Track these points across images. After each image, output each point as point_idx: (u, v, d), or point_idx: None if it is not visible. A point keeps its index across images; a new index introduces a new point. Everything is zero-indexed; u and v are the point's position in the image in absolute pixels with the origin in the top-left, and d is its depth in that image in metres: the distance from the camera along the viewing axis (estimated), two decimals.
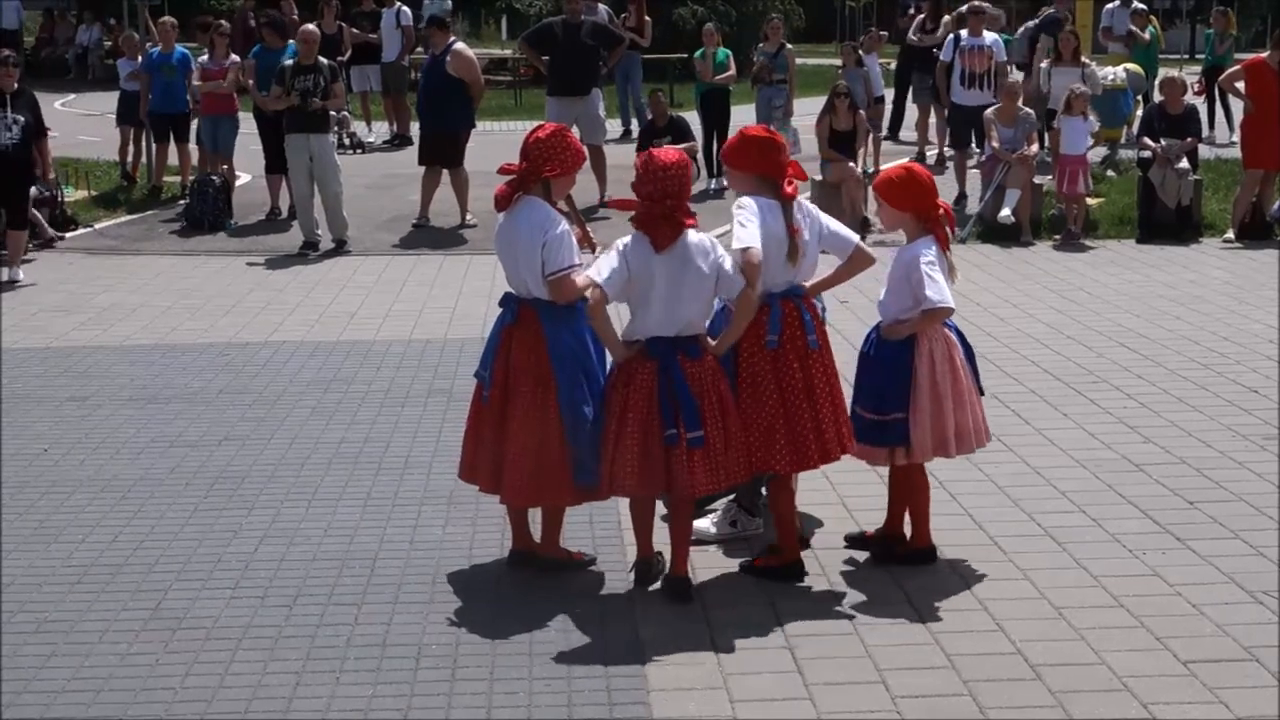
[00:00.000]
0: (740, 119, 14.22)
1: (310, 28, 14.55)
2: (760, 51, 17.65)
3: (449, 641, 5.43)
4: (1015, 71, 16.93)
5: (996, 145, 14.12)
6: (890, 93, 20.15)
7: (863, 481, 6.84)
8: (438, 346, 10.00)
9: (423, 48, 17.44)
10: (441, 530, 6.56)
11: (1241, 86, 14.37)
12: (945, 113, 16.89)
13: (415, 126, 17.17)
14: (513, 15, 37.45)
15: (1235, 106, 16.89)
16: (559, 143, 5.88)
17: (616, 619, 5.62)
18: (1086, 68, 16.04)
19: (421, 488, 7.13)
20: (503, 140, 16.83)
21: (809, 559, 6.09)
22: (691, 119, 16.54)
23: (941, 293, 5.82)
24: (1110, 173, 16.92)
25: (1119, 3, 20.33)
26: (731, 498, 6.41)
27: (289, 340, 10.28)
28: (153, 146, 16.81)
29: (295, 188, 13.90)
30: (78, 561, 6.27)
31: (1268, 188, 13.97)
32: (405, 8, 20.47)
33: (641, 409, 5.58)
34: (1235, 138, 17.53)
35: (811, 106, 17.66)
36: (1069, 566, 6.08)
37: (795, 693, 5.02)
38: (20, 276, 12.38)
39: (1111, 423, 8.10)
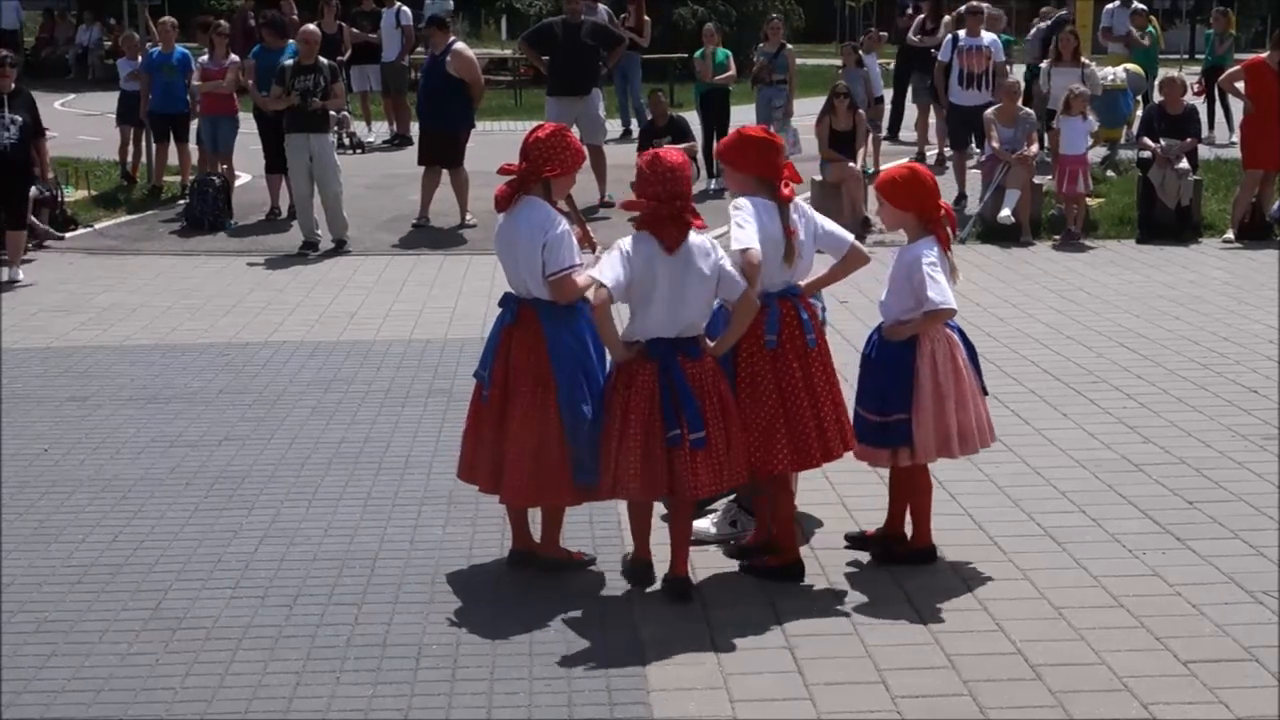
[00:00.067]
0: (740, 119, 14.22)
1: (311, 28, 14.55)
2: (760, 51, 17.65)
3: (449, 641, 5.44)
4: (1013, 71, 16.93)
5: (996, 145, 14.12)
6: (889, 93, 20.16)
7: (863, 481, 6.84)
8: (438, 346, 10.00)
9: (423, 47, 17.42)
10: (441, 530, 6.56)
11: (1241, 87, 14.37)
12: (944, 113, 16.89)
13: (415, 126, 17.16)
14: (513, 15, 37.43)
15: (1235, 107, 16.90)
16: (559, 143, 5.88)
17: (617, 619, 5.62)
18: (1086, 68, 16.03)
19: (422, 488, 7.13)
20: (503, 140, 16.83)
21: (809, 559, 6.08)
22: (691, 119, 16.54)
23: (944, 293, 5.81)
24: (1110, 173, 16.92)
25: (1119, 3, 20.34)
26: (731, 498, 6.41)
27: (289, 340, 10.28)
28: (153, 146, 16.81)
29: (295, 188, 13.89)
30: (78, 561, 6.27)
31: (1267, 188, 13.97)
32: (405, 8, 20.46)
33: (643, 411, 5.58)
34: (1235, 138, 17.53)
35: (811, 106, 17.66)
36: (1069, 566, 6.08)
37: (795, 693, 5.02)
38: (20, 276, 12.38)
39: (1111, 423, 8.10)
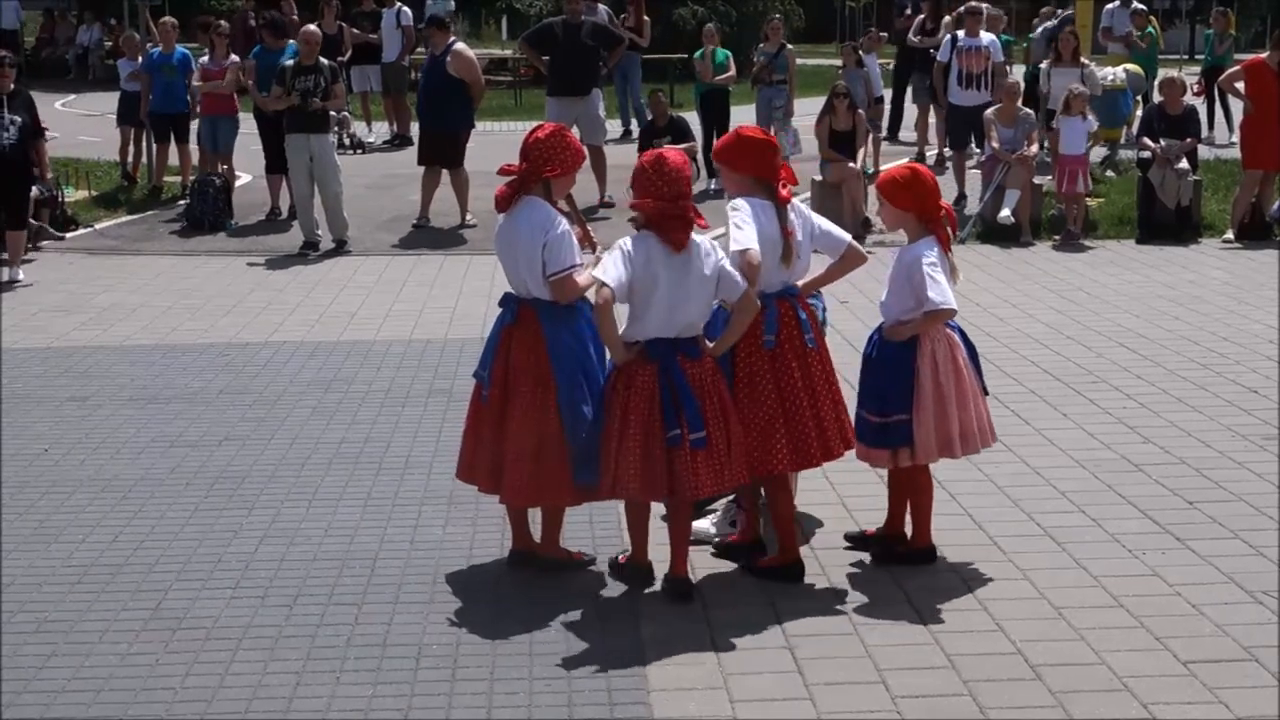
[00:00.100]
0: (740, 119, 14.23)
1: (311, 28, 14.56)
2: (760, 52, 17.65)
3: (449, 641, 5.44)
4: (1012, 72, 16.93)
5: (996, 145, 14.12)
6: (889, 93, 20.15)
7: (863, 481, 6.84)
8: (438, 347, 10.00)
9: (423, 48, 17.43)
10: (442, 530, 6.56)
11: (1241, 87, 14.37)
12: (944, 113, 16.89)
13: (415, 127, 17.16)
14: (513, 15, 37.43)
15: (1235, 107, 16.90)
16: (559, 143, 5.88)
17: (617, 619, 5.62)
18: (1086, 68, 16.03)
19: (422, 488, 7.13)
20: (503, 140, 16.83)
21: (809, 559, 6.08)
22: (691, 119, 16.54)
23: (944, 294, 5.81)
24: (1110, 173, 16.93)
25: (1119, 3, 20.35)
26: (731, 498, 6.41)
27: (289, 340, 10.28)
28: (153, 147, 16.82)
29: (295, 188, 13.90)
30: (78, 561, 6.27)
31: (1267, 188, 13.97)
32: (405, 8, 20.47)
33: (643, 411, 5.58)
34: (1235, 138, 17.53)
35: (811, 107, 17.66)
36: (1069, 566, 6.09)
37: (795, 693, 5.02)
38: (20, 276, 12.38)
39: (1111, 423, 8.10)
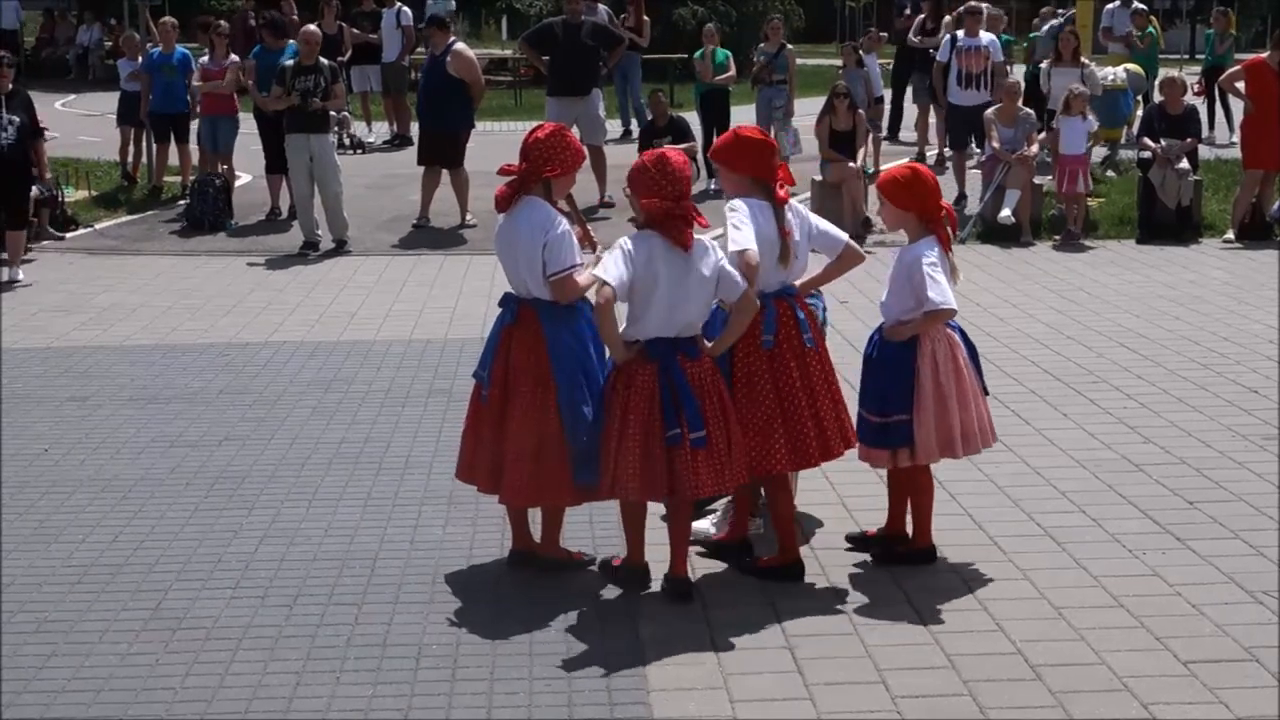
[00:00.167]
0: (740, 119, 14.23)
1: (312, 28, 14.56)
2: (760, 51, 17.64)
3: (449, 641, 5.44)
4: (1012, 72, 16.93)
5: (997, 145, 14.12)
6: (889, 93, 20.15)
7: (863, 481, 6.83)
8: (438, 347, 10.00)
9: (423, 48, 17.43)
10: (442, 530, 6.56)
11: (1241, 87, 14.37)
12: (943, 113, 16.89)
13: (415, 126, 17.16)
14: (513, 15, 37.43)
15: (1235, 107, 16.90)
16: (559, 142, 5.88)
17: (617, 619, 5.62)
18: (1086, 68, 16.03)
19: (422, 488, 7.13)
20: (503, 140, 16.83)
21: (809, 559, 6.08)
22: (691, 119, 16.54)
23: (944, 294, 5.81)
24: (1110, 173, 16.92)
25: (1119, 3, 20.34)
26: (731, 498, 6.40)
27: (289, 340, 10.28)
28: (153, 147, 16.82)
29: (295, 188, 13.89)
30: (78, 561, 6.27)
31: (1268, 188, 13.97)
32: (405, 8, 20.47)
33: (643, 411, 5.58)
34: (1235, 138, 17.53)
35: (811, 107, 17.65)
36: (1069, 566, 6.08)
37: (795, 693, 5.02)
38: (20, 276, 12.38)
39: (1111, 423, 8.10)
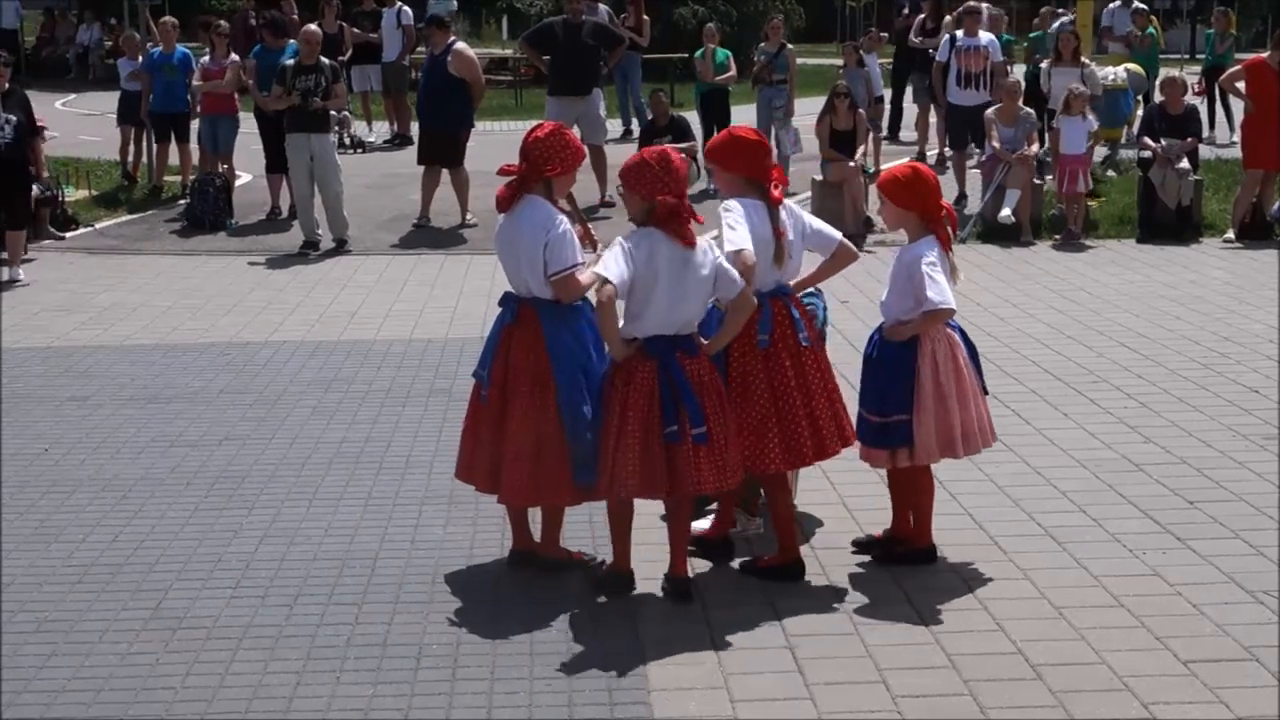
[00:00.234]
0: (740, 119, 14.25)
1: (312, 28, 14.57)
2: (761, 51, 17.63)
3: (449, 641, 5.44)
4: (1012, 71, 16.92)
5: (997, 145, 14.11)
6: (889, 93, 20.15)
7: (863, 481, 6.83)
8: (438, 346, 10.00)
9: (423, 47, 17.43)
10: (442, 530, 6.56)
11: (1242, 86, 14.37)
12: (943, 113, 16.88)
13: (415, 126, 17.16)
14: (513, 15, 37.42)
15: (1235, 106, 16.90)
16: (559, 141, 5.89)
17: (617, 619, 5.62)
18: (1086, 68, 16.03)
19: (422, 488, 7.13)
20: (503, 140, 16.83)
21: (809, 559, 6.08)
22: (691, 119, 16.53)
23: (943, 293, 5.81)
24: (1110, 173, 16.92)
25: (1119, 2, 20.35)
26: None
27: (289, 340, 10.29)
28: (153, 146, 16.82)
29: (296, 187, 13.90)
30: (78, 561, 6.27)
31: (1268, 188, 13.97)
32: (406, 7, 20.46)
33: (642, 408, 5.58)
34: (1235, 138, 17.53)
35: (811, 106, 17.65)
36: (1069, 566, 6.08)
37: (795, 693, 5.02)
38: (20, 276, 12.38)
39: (1111, 423, 8.10)
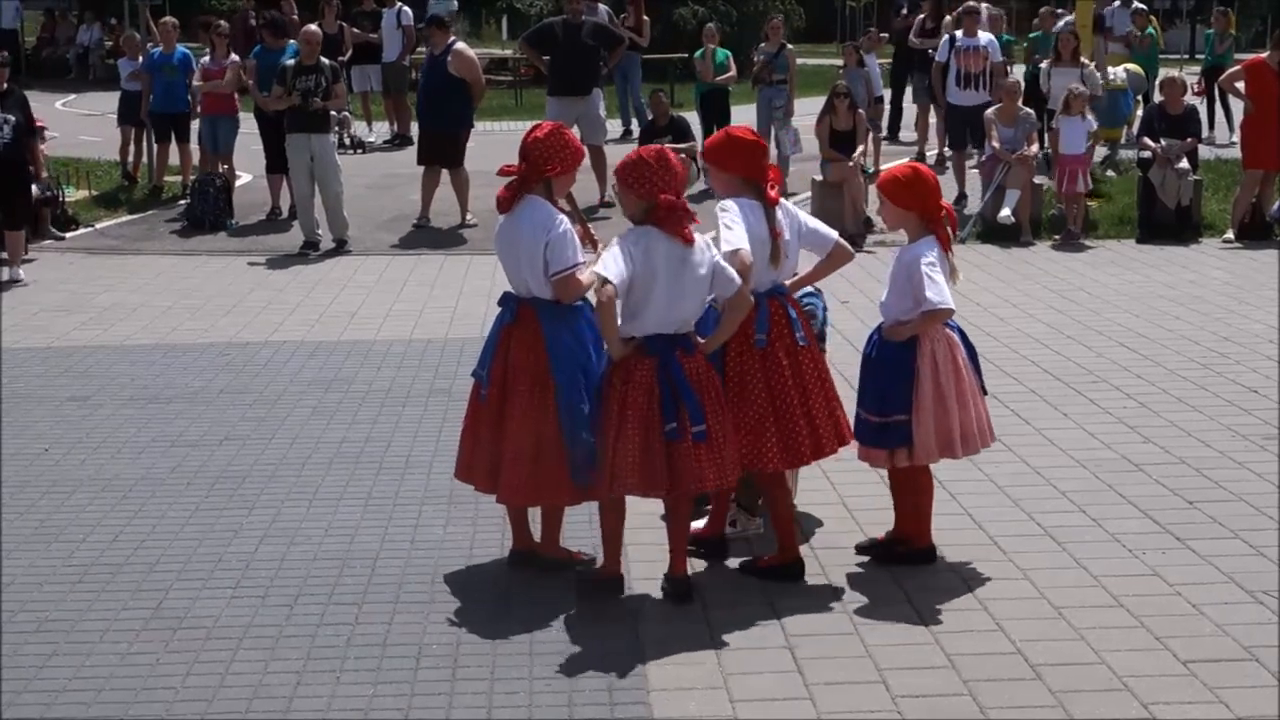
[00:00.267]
0: (740, 119, 14.24)
1: (312, 28, 14.58)
2: (761, 51, 17.63)
3: (449, 641, 5.44)
4: (1012, 71, 16.93)
5: (997, 145, 14.11)
6: (888, 93, 20.14)
7: (863, 481, 6.83)
8: (438, 346, 10.00)
9: (423, 47, 17.44)
10: (442, 530, 6.57)
11: (1241, 87, 14.38)
12: (943, 113, 16.88)
13: (415, 126, 17.16)
14: (513, 15, 37.41)
15: (1235, 107, 16.90)
16: (558, 141, 5.89)
17: (617, 619, 5.62)
18: (1086, 68, 16.03)
19: (422, 488, 7.13)
20: (503, 140, 16.82)
21: (809, 559, 6.08)
22: (691, 119, 16.53)
23: (942, 294, 5.81)
24: (1110, 173, 16.92)
25: (1119, 3, 20.34)
26: (731, 498, 6.40)
27: (289, 340, 10.29)
28: (153, 146, 16.82)
29: (296, 187, 13.90)
30: (78, 561, 6.27)
31: (1268, 188, 13.97)
32: (406, 8, 20.45)
33: (641, 405, 5.57)
34: (1235, 138, 17.53)
35: (811, 106, 17.64)
36: (1069, 566, 6.09)
37: (795, 693, 5.02)
38: (20, 276, 12.38)
39: (1111, 423, 8.10)
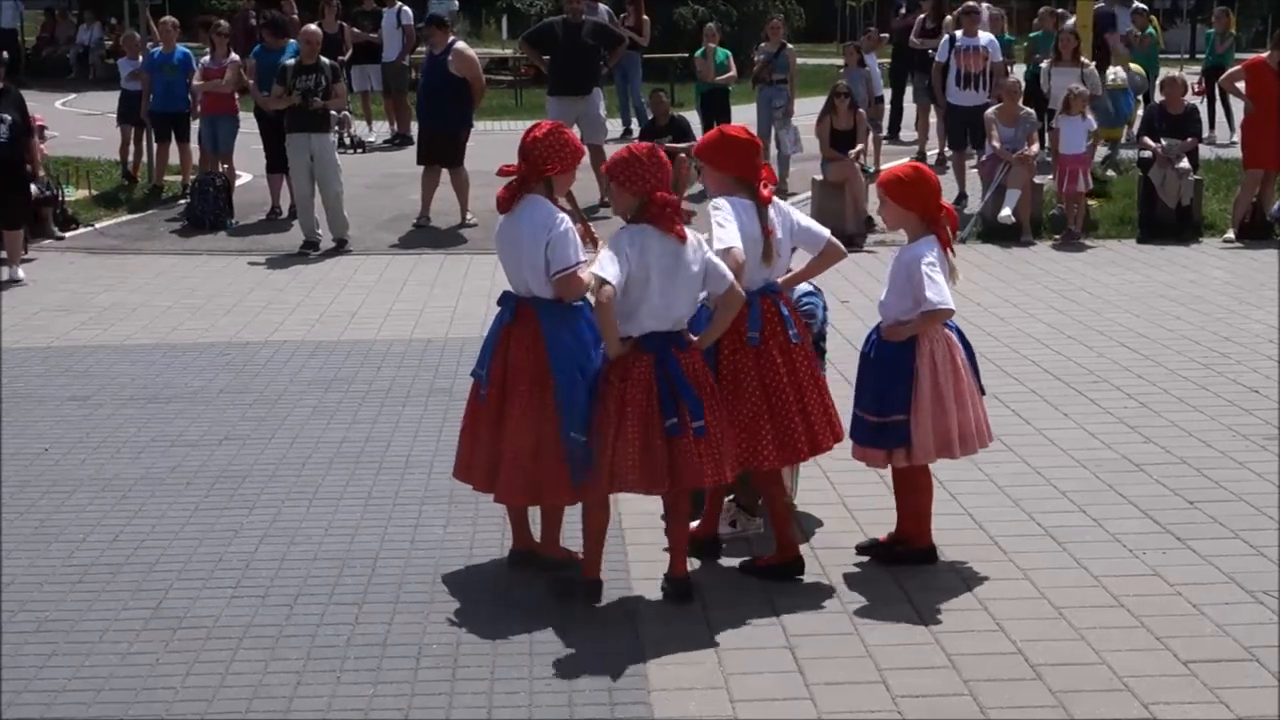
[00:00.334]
0: (741, 119, 14.22)
1: (313, 28, 14.58)
2: (761, 51, 17.63)
3: (449, 641, 5.44)
4: (1012, 71, 16.94)
5: (997, 145, 14.11)
6: (888, 93, 20.14)
7: (863, 481, 6.83)
8: (438, 346, 10.00)
9: (423, 47, 17.44)
10: (442, 530, 6.57)
11: (1242, 86, 14.38)
12: (942, 113, 16.87)
13: (415, 126, 17.16)
14: (513, 15, 37.42)
15: (1235, 106, 16.90)
16: (557, 140, 5.89)
17: (617, 619, 5.62)
18: (1086, 68, 16.03)
19: (422, 487, 7.13)
20: (503, 140, 16.79)
21: (809, 559, 6.08)
22: (692, 119, 16.53)
23: (941, 294, 5.81)
24: (1110, 172, 16.92)
25: (1120, 2, 20.32)
26: (730, 498, 6.41)
27: (290, 340, 10.29)
28: (153, 146, 16.82)
29: (296, 187, 13.90)
30: (78, 561, 6.27)
31: (1268, 188, 13.98)
32: (406, 7, 20.45)
33: (640, 403, 5.57)
34: (1235, 138, 17.54)
35: (811, 106, 17.63)
36: (1069, 566, 6.09)
37: (795, 693, 5.02)
38: (20, 276, 12.38)
39: (1111, 423, 8.10)
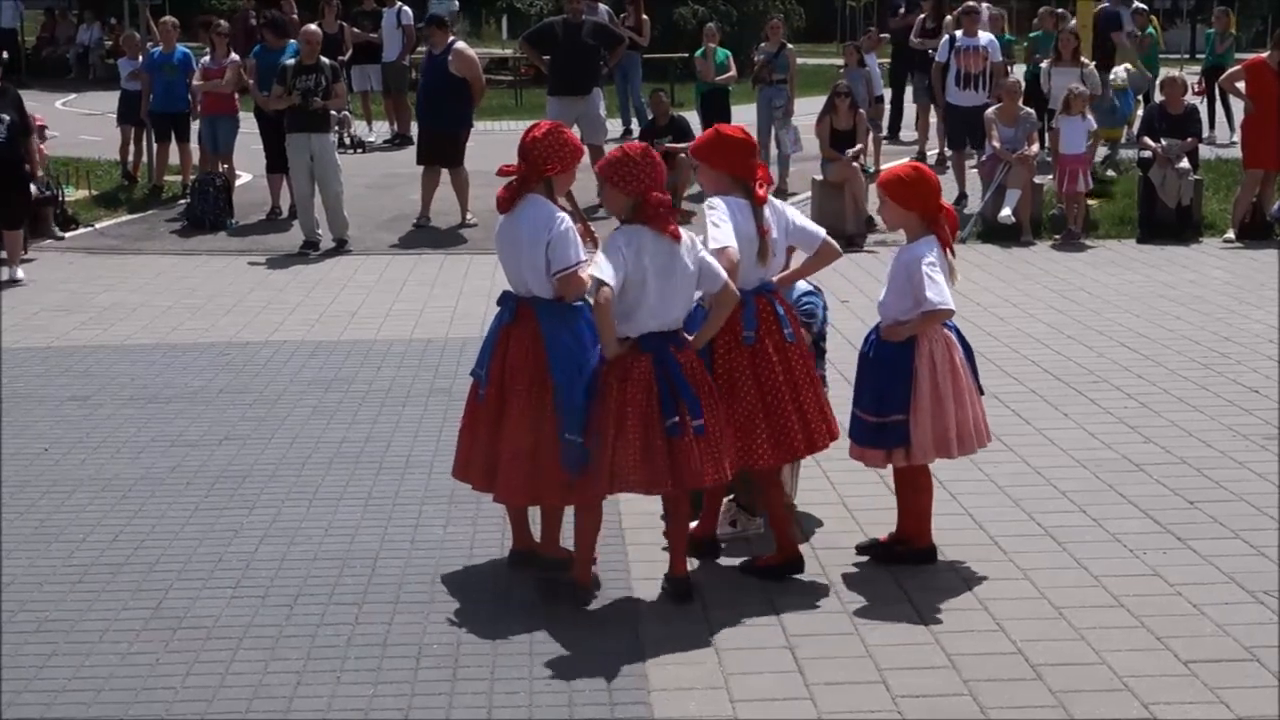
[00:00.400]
0: (741, 119, 14.24)
1: (313, 28, 14.59)
2: (761, 51, 17.63)
3: (450, 641, 5.44)
4: (1012, 71, 16.94)
5: (997, 145, 14.11)
6: (888, 93, 20.14)
7: (863, 481, 6.83)
8: (438, 346, 10.00)
9: (424, 47, 17.44)
10: (442, 530, 6.57)
11: (1242, 86, 14.38)
12: (942, 113, 16.87)
13: (415, 126, 17.16)
14: (513, 15, 37.43)
15: (1235, 106, 16.90)
16: (557, 140, 5.90)
17: (617, 619, 5.63)
18: (1086, 68, 16.03)
19: (422, 487, 7.13)
20: (503, 140, 16.80)
21: (809, 559, 6.08)
22: (692, 119, 16.52)
23: (941, 294, 5.81)
24: (1110, 172, 16.92)
25: (1121, 2, 20.31)
26: (730, 497, 6.41)
27: (290, 340, 10.29)
28: (153, 146, 16.82)
29: (296, 187, 13.90)
30: (78, 561, 6.27)
31: (1268, 188, 13.98)
32: (406, 7, 20.45)
33: (640, 402, 5.57)
34: (1235, 138, 17.54)
35: (811, 106, 17.63)
36: (1069, 566, 6.09)
37: (795, 693, 5.02)
38: (20, 276, 12.38)
39: (1111, 423, 8.10)
